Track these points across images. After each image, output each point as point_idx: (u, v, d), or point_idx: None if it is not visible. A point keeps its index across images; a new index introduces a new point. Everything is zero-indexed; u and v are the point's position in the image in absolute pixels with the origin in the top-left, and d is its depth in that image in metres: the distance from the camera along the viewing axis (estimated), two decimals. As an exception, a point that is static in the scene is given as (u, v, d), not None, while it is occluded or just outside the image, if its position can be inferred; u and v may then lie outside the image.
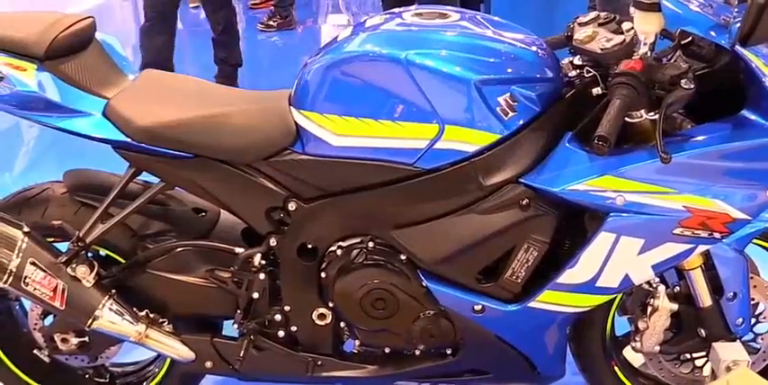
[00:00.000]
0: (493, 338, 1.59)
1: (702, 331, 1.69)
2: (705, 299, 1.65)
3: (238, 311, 1.68)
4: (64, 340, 1.76)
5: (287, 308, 1.67)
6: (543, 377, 1.69)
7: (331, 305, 1.64)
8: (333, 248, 1.60)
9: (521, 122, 1.46)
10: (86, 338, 1.75)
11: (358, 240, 1.59)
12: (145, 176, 1.68)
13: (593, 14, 1.54)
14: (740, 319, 1.67)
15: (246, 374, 1.75)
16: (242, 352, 1.67)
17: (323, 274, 1.62)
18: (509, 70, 1.46)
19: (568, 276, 1.51)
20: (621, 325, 1.80)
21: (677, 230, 1.46)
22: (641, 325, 1.68)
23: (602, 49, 1.44)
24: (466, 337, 1.61)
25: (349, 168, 1.52)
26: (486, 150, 1.46)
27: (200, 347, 1.72)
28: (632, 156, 1.43)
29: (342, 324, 1.68)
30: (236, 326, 1.70)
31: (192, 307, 1.74)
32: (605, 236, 1.46)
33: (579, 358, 1.81)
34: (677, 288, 1.68)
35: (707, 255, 1.61)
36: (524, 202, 1.47)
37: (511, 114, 1.45)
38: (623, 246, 1.47)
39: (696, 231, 1.46)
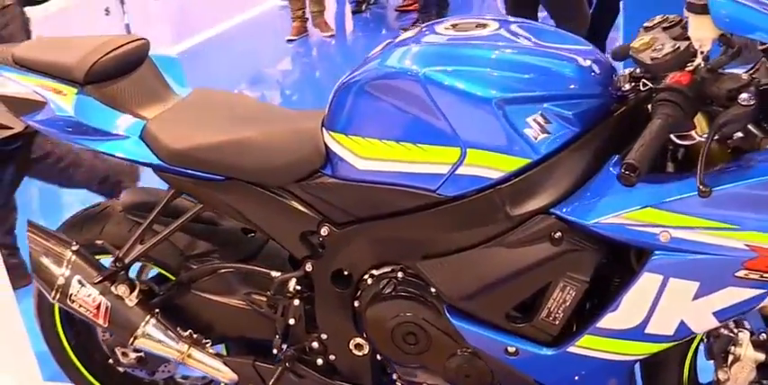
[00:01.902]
0: (531, 383, 1.43)
1: None
2: None
3: (277, 336, 1.64)
4: (124, 354, 1.82)
5: (323, 336, 1.61)
6: None
7: (365, 336, 1.56)
8: (365, 276, 1.52)
9: (555, 145, 1.29)
10: (142, 353, 1.79)
11: (389, 269, 1.50)
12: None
13: (659, 17, 1.34)
14: None
15: None
16: (276, 378, 1.62)
17: (356, 303, 1.54)
18: (540, 87, 1.30)
19: (610, 320, 1.32)
20: (708, 370, 1.57)
21: (741, 273, 1.23)
22: (721, 375, 1.46)
23: (652, 59, 1.25)
24: (503, 381, 1.47)
25: (375, 193, 1.43)
26: (513, 176, 1.31)
27: (242, 370, 1.70)
28: (680, 186, 1.22)
29: (379, 356, 1.59)
30: (275, 351, 1.66)
31: (234, 329, 1.72)
32: (650, 277, 1.26)
33: None
34: (763, 335, 1.43)
35: None
36: (557, 235, 1.31)
37: (542, 136, 1.29)
38: (674, 290, 1.26)
39: (766, 274, 1.23)
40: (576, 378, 1.42)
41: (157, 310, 1.70)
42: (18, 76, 1.61)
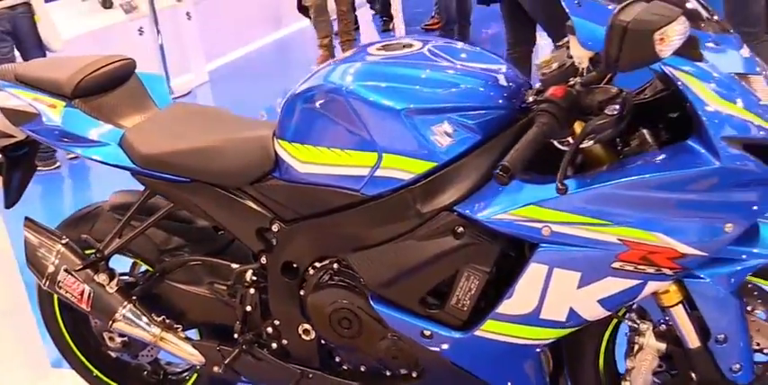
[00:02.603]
0: (449, 365, 1.60)
1: (694, 375, 1.57)
2: (692, 340, 1.53)
3: (237, 323, 1.84)
4: (110, 338, 2.04)
5: (276, 322, 1.80)
6: None
7: (311, 322, 1.75)
8: (309, 268, 1.71)
9: (459, 151, 1.47)
10: (126, 338, 2.01)
11: (328, 262, 1.69)
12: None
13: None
14: (737, 365, 1.53)
15: (249, 381, 1.91)
16: (236, 360, 1.82)
17: (302, 292, 1.73)
18: (445, 99, 1.47)
19: (507, 307, 1.48)
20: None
21: (616, 264, 1.38)
22: (629, 364, 1.60)
23: (542, 75, 1.42)
24: (423, 362, 1.64)
25: (313, 193, 1.62)
26: (422, 178, 1.49)
27: (208, 352, 1.90)
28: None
29: (323, 340, 1.77)
30: (236, 335, 1.86)
31: (202, 316, 1.93)
32: (536, 267, 1.43)
33: None
34: (663, 326, 1.57)
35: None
36: (459, 230, 1.48)
37: (447, 143, 1.46)
38: (559, 279, 1.42)
39: (639, 266, 1.38)
40: (488, 360, 1.58)
41: (135, 298, 1.92)
42: (17, 91, 1.86)
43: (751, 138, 1.30)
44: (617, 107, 1.29)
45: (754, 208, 1.34)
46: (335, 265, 1.67)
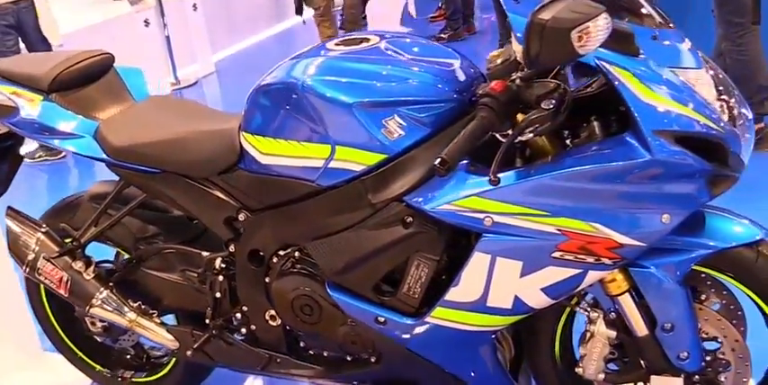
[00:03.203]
0: (404, 350, 1.65)
1: (643, 362, 1.61)
2: (639, 328, 1.57)
3: (209, 309, 1.91)
4: (92, 323, 2.12)
5: (244, 308, 1.86)
6: None
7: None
8: (274, 256, 1.77)
9: (408, 143, 1.51)
10: (107, 323, 2.09)
11: (290, 250, 1.74)
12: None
13: None
14: (684, 353, 1.56)
15: (222, 365, 1.98)
16: (206, 345, 1.89)
17: (267, 279, 1.79)
18: (395, 93, 1.52)
19: (454, 294, 1.53)
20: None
21: (556, 254, 1.43)
22: (582, 351, 1.64)
23: (488, 69, 1.46)
24: (380, 347, 1.69)
25: (275, 184, 1.68)
26: (373, 170, 1.53)
27: (182, 337, 1.97)
28: (501, 178, 1.42)
29: (288, 326, 1.83)
30: (208, 321, 1.93)
31: (176, 302, 2.00)
32: (480, 256, 1.47)
33: (536, 379, 1.79)
34: (613, 314, 1.61)
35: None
36: (408, 220, 1.53)
37: (397, 135, 1.51)
38: (502, 268, 1.47)
39: (579, 256, 1.42)
40: (441, 346, 1.63)
41: (112, 284, 1.99)
42: None
43: (682, 132, 1.33)
44: (553, 101, 1.32)
45: (690, 199, 1.38)
46: (297, 254, 1.73)
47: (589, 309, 1.62)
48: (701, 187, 1.37)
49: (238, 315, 1.88)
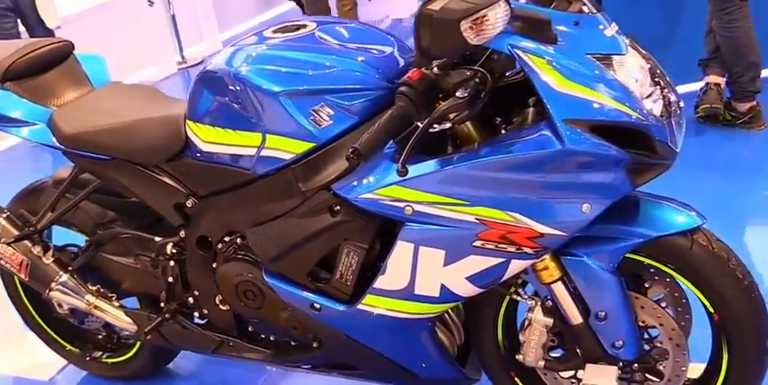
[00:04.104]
0: (343, 337, 1.66)
1: (579, 350, 1.60)
2: (574, 316, 1.56)
3: (163, 293, 1.94)
4: (59, 305, 2.17)
5: (196, 293, 1.89)
6: (424, 379, 1.72)
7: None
8: (220, 242, 1.79)
9: (336, 131, 1.51)
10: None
11: (234, 236, 1.76)
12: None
13: None
14: (619, 341, 1.56)
15: (179, 347, 2.02)
16: (159, 328, 1.93)
17: (214, 265, 1.81)
18: (322, 81, 1.51)
19: (382, 282, 1.53)
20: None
21: (477, 243, 1.42)
22: (522, 337, 1.64)
23: (411, 58, 1.45)
24: (319, 333, 1.71)
25: (216, 171, 1.69)
26: (302, 158, 1.54)
27: (139, 320, 2.01)
28: (419, 167, 1.42)
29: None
30: (162, 305, 1.96)
31: (133, 286, 2.03)
32: (403, 245, 1.47)
33: (482, 366, 1.79)
34: (549, 302, 1.60)
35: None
36: (336, 208, 1.53)
37: (325, 124, 1.51)
38: (425, 257, 1.46)
39: (500, 245, 1.41)
40: (378, 333, 1.64)
41: (71, 268, 2.03)
42: None
43: (596, 120, 1.30)
44: (468, 89, 1.30)
45: (611, 188, 1.36)
46: (239, 240, 1.74)
47: (527, 297, 1.62)
48: (620, 176, 1.35)
49: (191, 299, 1.91)
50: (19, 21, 4.37)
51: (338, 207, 1.53)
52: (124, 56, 4.66)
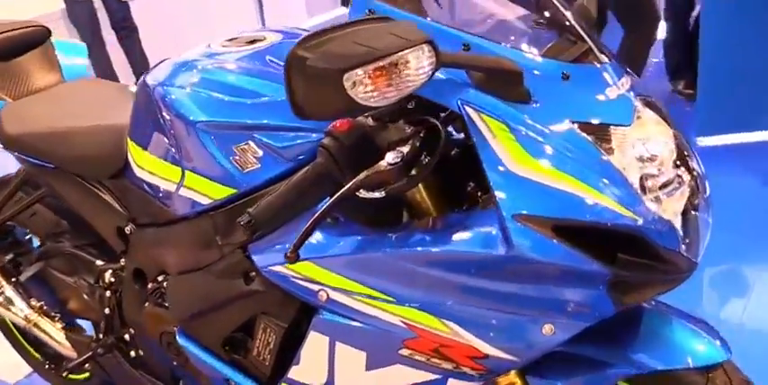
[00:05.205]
0: None
1: None
2: None
3: (101, 323, 1.70)
4: None
5: (131, 330, 1.64)
6: None
7: None
8: (153, 280, 1.52)
9: (264, 178, 1.19)
10: None
11: (165, 278, 1.49)
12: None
13: None
14: None
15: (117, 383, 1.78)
16: (95, 359, 1.69)
17: (146, 304, 1.55)
18: (252, 114, 1.19)
19: (296, 373, 1.22)
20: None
21: (403, 352, 1.07)
22: None
23: None
24: None
25: (146, 201, 1.42)
26: (222, 205, 1.24)
27: (79, 347, 1.78)
28: (342, 241, 1.08)
29: None
30: (101, 335, 1.72)
31: (75, 308, 1.81)
32: (317, 336, 1.14)
33: None
34: None
35: None
36: (250, 275, 1.22)
37: (251, 167, 1.19)
38: (344, 356, 1.13)
39: (432, 359, 1.06)
40: None
41: (15, 279, 1.82)
42: None
43: (563, 220, 0.92)
44: (398, 156, 0.96)
45: (583, 309, 0.97)
46: (165, 283, 1.47)
47: None
48: (599, 294, 0.96)
49: (126, 336, 1.66)
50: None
51: (253, 273, 1.22)
52: (200, 34, 4.49)
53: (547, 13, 1.09)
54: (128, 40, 4.54)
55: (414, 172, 0.99)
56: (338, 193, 0.97)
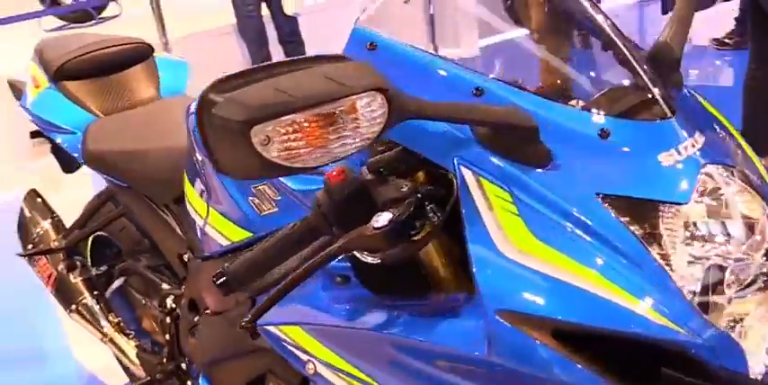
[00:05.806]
0: None
1: None
2: None
3: (165, 348, 1.67)
4: None
5: (189, 359, 1.59)
6: None
7: None
8: (203, 313, 1.46)
9: (282, 223, 1.06)
10: None
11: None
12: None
13: None
14: None
15: None
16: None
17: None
18: None
19: None
20: None
21: None
22: None
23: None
24: None
25: (194, 231, 1.35)
26: (239, 248, 1.13)
27: (148, 367, 1.76)
28: (345, 309, 0.93)
29: None
30: (164, 360, 1.68)
31: (148, 328, 1.79)
32: None
33: None
34: None
35: None
36: (256, 330, 1.10)
37: (267, 211, 1.08)
38: None
39: None
40: None
41: (97, 292, 1.84)
42: (31, 65, 1.84)
43: (568, 323, 0.71)
44: (386, 219, 0.79)
45: None
46: None
47: None
48: None
49: (183, 365, 1.61)
50: (264, 5, 4.41)
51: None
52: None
53: (612, 53, 0.88)
54: (294, 53, 4.64)
55: (418, 237, 0.82)
56: (317, 256, 0.83)
